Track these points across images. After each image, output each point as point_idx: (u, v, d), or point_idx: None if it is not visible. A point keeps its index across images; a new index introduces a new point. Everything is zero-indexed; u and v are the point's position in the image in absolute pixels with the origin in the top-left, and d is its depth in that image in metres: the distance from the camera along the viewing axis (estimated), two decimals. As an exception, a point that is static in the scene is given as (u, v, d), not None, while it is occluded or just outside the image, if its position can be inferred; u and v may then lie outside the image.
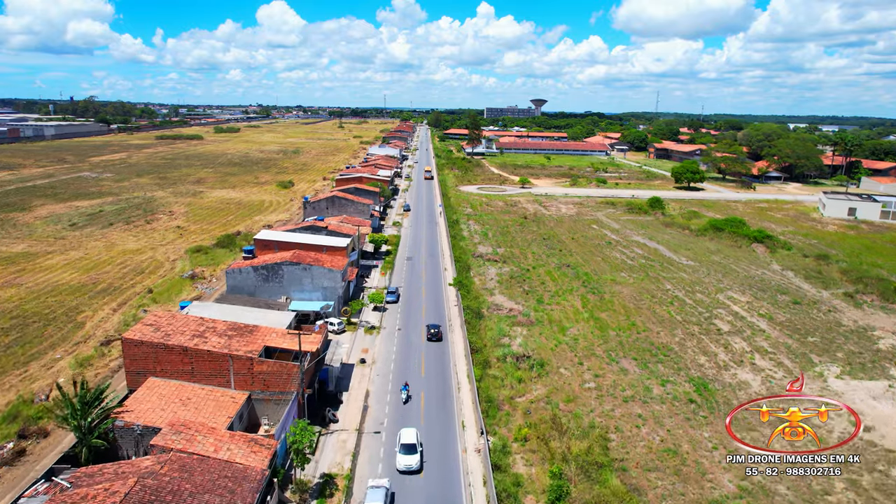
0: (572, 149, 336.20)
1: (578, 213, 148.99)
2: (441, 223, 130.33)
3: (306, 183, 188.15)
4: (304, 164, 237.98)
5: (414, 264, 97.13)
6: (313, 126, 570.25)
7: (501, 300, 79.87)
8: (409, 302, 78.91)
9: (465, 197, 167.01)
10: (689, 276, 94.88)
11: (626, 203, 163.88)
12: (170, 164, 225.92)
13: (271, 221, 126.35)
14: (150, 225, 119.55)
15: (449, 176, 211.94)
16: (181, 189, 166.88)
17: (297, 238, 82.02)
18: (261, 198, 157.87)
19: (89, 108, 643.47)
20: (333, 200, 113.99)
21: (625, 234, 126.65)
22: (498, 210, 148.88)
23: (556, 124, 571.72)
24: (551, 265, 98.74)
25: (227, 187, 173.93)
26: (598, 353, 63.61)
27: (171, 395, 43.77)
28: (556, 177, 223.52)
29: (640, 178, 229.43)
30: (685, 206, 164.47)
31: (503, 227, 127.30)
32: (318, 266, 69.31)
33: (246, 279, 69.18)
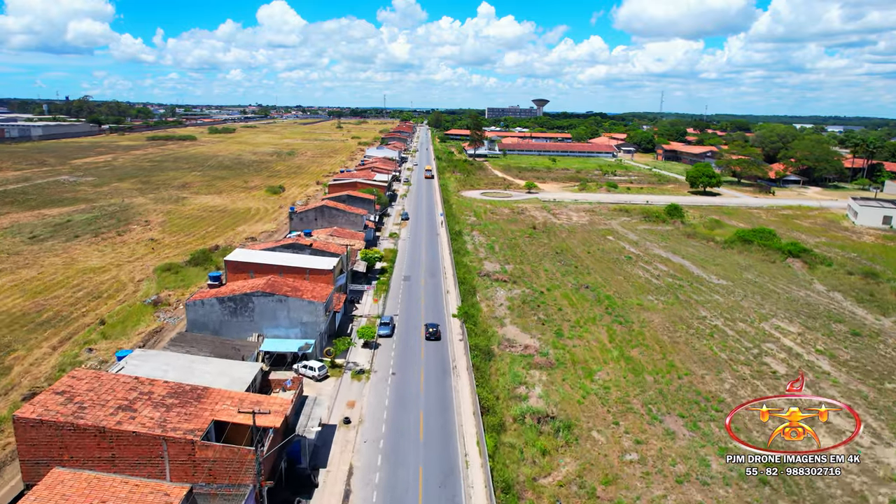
0: (578, 150, 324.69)
1: (591, 222, 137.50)
2: (443, 234, 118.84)
3: (298, 188, 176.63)
4: (298, 167, 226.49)
5: (412, 285, 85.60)
6: (311, 126, 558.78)
7: (514, 333, 68.34)
8: (406, 336, 67.40)
9: (468, 204, 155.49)
10: (725, 300, 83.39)
11: (641, 210, 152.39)
12: (156, 166, 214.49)
13: (256, 233, 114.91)
14: (122, 237, 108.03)
15: (450, 180, 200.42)
16: (163, 195, 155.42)
17: (276, 259, 70.54)
18: (247, 205, 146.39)
19: (84, 108, 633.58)
20: (323, 211, 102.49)
21: (644, 246, 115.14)
22: (504, 219, 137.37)
23: (559, 125, 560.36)
24: (568, 286, 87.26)
25: (213, 193, 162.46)
26: (636, 407, 52.11)
27: (81, 494, 32.32)
28: (564, 180, 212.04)
29: (651, 181, 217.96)
30: (705, 214, 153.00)
31: (511, 240, 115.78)
32: (297, 298, 57.81)
33: (210, 313, 57.71)
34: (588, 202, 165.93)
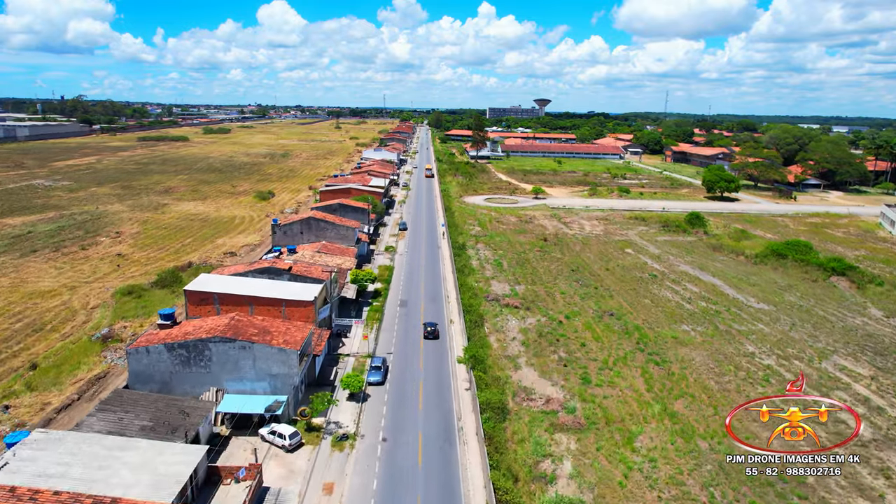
0: (583, 152, 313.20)
1: (606, 233, 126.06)
2: (444, 247, 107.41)
3: (289, 193, 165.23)
4: (291, 170, 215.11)
5: (410, 313, 74.15)
6: (309, 127, 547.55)
7: (532, 378, 56.94)
8: (401, 382, 56.01)
9: (472, 211, 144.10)
10: (771, 329, 72.01)
11: (658, 218, 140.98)
12: (142, 169, 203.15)
13: (237, 247, 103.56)
14: (85, 252, 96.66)
15: (452, 184, 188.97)
16: (143, 201, 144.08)
17: (247, 288, 59.18)
18: (232, 213, 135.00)
19: (78, 108, 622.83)
20: (309, 224, 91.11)
21: (668, 261, 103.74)
22: (511, 228, 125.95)
23: (562, 125, 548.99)
24: (589, 312, 75.86)
25: (198, 199, 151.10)
26: (694, 492, 40.67)
27: None
28: (572, 184, 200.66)
29: (663, 185, 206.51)
30: (727, 222, 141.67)
31: (520, 254, 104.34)
32: (265, 344, 46.42)
33: (157, 363, 46.32)
34: (600, 209, 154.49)
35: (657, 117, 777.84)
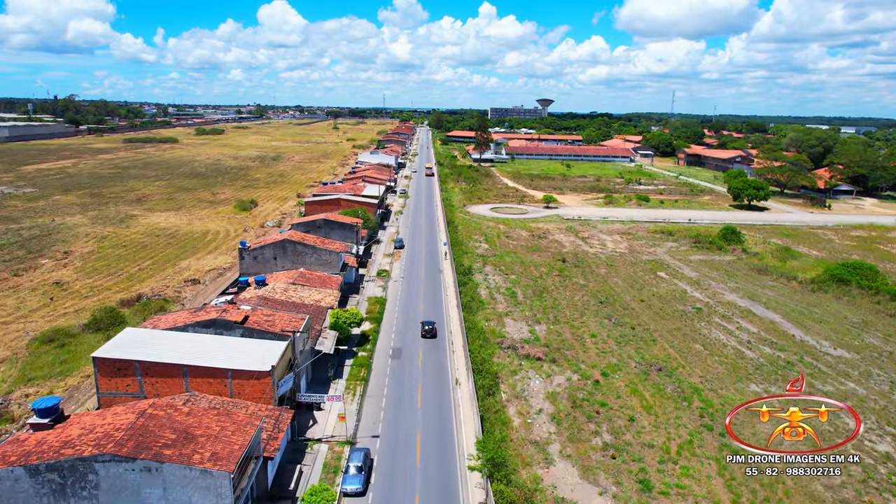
0: (592, 154, 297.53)
1: (632, 250, 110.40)
2: (447, 271, 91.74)
3: (275, 202, 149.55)
4: (281, 175, 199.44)
5: (404, 369, 58.47)
6: (306, 127, 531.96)
7: (570, 481, 41.25)
8: (391, 489, 40.32)
9: (477, 224, 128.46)
10: (866, 390, 56.46)
11: (686, 232, 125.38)
12: (119, 174, 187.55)
13: (202, 272, 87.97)
14: (17, 279, 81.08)
15: (454, 191, 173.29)
16: (109, 212, 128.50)
17: (184, 350, 43.62)
18: (207, 226, 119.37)
19: (69, 108, 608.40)
20: (284, 247, 75.48)
21: (709, 287, 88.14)
22: (523, 245, 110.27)
23: (566, 125, 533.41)
24: (630, 365, 60.25)
25: (171, 209, 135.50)
26: None
27: None
28: (584, 191, 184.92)
29: (682, 192, 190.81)
30: (764, 237, 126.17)
31: (536, 280, 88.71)
32: (181, 465, 30.75)
33: (14, 492, 30.66)
34: (620, 220, 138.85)
35: (660, 118, 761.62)
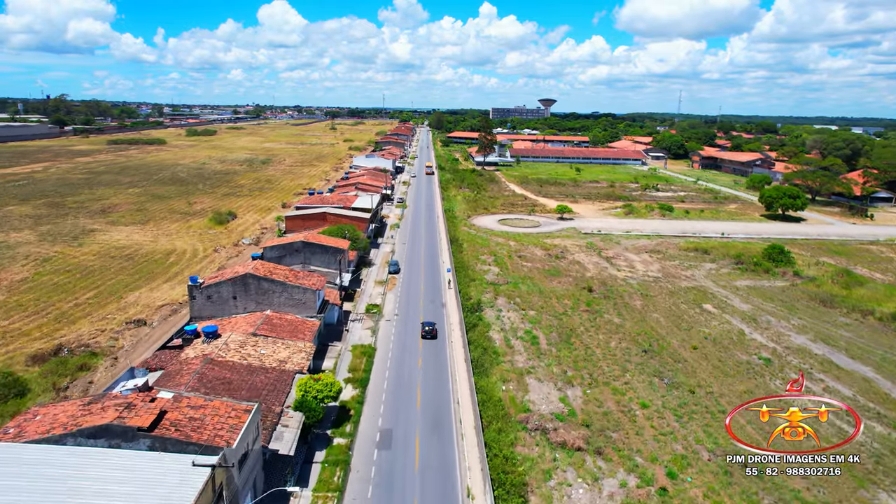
0: (601, 157, 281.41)
1: (666, 274, 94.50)
2: (451, 305, 75.82)
3: (256, 213, 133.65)
4: (268, 181, 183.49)
5: (395, 471, 42.44)
6: (303, 128, 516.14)
7: None
8: None
9: (484, 240, 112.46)
10: None
11: (723, 249, 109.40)
12: (91, 180, 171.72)
13: (153, 306, 72.05)
14: (-82, 321, 65.17)
15: (457, 199, 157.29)
16: (64, 227, 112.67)
17: (47, 483, 27.69)
18: (173, 244, 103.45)
19: (60, 108, 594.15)
20: (247, 284, 59.53)
21: (769, 327, 72.19)
22: (539, 268, 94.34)
23: (570, 126, 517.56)
24: (703, 458, 44.25)
25: (138, 222, 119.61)
26: None
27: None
28: (599, 198, 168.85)
29: (705, 199, 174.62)
30: (811, 254, 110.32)
31: (560, 317, 72.74)
32: None
33: None
34: (645, 234, 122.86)
35: (664, 118, 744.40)
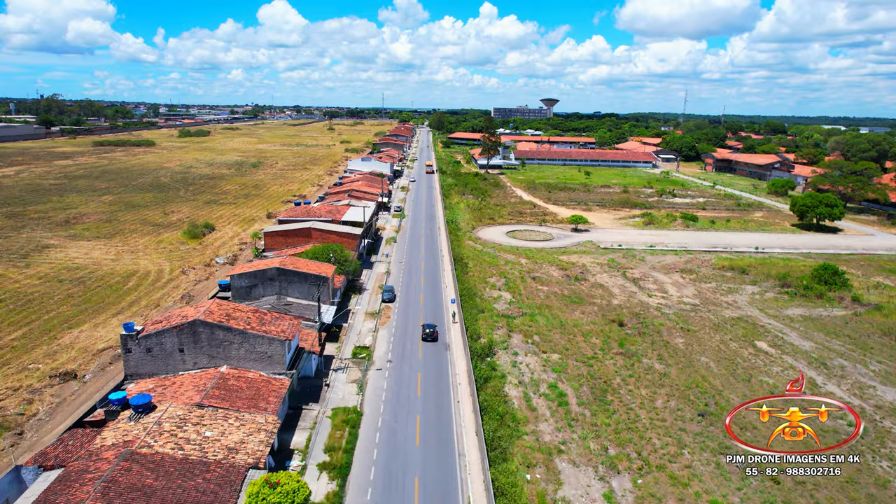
0: (610, 159, 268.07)
1: (704, 300, 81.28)
2: (457, 346, 62.54)
3: (237, 224, 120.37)
4: (256, 186, 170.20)
5: None
6: (300, 128, 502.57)
7: None
8: None
9: (491, 256, 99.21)
10: None
11: (762, 268, 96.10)
12: (63, 186, 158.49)
13: (94, 349, 58.78)
14: None
15: (460, 208, 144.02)
16: (17, 241, 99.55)
17: None
18: (137, 263, 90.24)
19: (52, 107, 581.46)
20: (196, 334, 46.23)
21: (844, 373, 58.96)
22: (557, 293, 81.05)
23: (574, 126, 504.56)
24: None
25: (103, 236, 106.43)
26: None
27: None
28: (613, 205, 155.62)
29: (727, 206, 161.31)
30: (863, 273, 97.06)
31: (588, 362, 59.41)
32: None
33: None
34: (671, 250, 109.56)
35: (666, 118, 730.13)
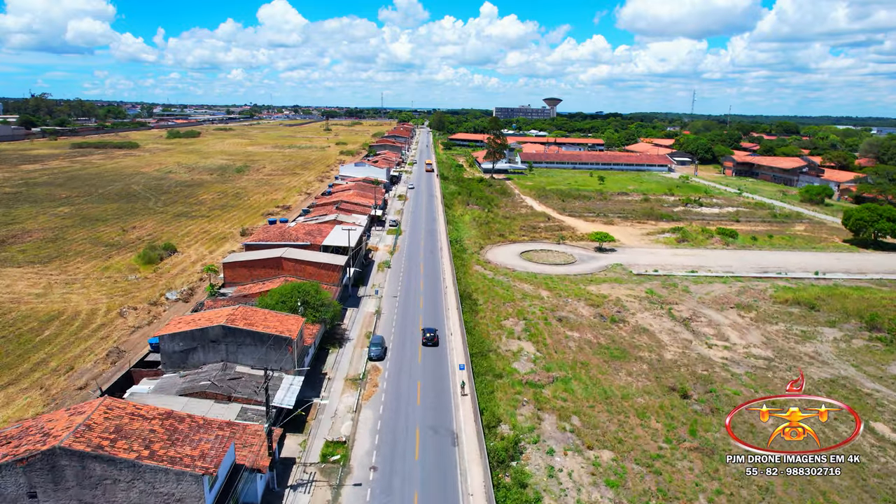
0: (623, 162, 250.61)
1: (777, 351, 63.92)
2: (468, 438, 45.25)
3: (205, 244, 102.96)
4: (236, 195, 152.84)
5: None
6: (296, 129, 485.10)
7: None
8: None
9: (505, 288, 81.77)
10: None
11: (832, 300, 78.72)
12: (19, 195, 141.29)
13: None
14: None
15: (465, 221, 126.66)
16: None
17: None
18: (68, 300, 72.88)
19: (41, 107, 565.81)
20: (57, 469, 28.47)
21: None
22: (591, 341, 63.65)
23: (579, 127, 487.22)
24: None
25: (40, 260, 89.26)
26: None
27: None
28: (637, 217, 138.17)
29: (763, 218, 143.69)
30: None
31: (653, 465, 42.16)
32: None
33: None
34: (717, 276, 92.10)
35: (669, 118, 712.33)
